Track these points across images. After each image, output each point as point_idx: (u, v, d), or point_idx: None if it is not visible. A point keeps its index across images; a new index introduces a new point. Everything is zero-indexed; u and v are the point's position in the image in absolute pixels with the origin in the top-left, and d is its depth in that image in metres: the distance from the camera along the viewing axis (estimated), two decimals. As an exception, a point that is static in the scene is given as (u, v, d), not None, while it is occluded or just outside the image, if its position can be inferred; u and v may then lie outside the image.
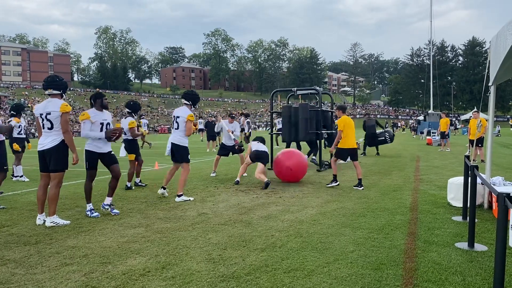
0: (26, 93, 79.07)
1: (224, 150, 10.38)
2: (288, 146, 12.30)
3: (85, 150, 5.86)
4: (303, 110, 11.49)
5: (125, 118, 8.29)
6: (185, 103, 7.14)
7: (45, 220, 5.31)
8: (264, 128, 64.12)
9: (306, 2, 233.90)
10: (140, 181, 8.57)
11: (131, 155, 8.20)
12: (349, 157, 8.55)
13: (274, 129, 14.50)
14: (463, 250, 4.07)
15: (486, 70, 5.88)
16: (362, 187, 7.97)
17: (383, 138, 16.24)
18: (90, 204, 5.88)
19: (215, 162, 10.48)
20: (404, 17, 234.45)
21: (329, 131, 12.33)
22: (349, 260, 3.78)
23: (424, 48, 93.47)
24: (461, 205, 5.69)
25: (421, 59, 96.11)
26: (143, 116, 27.64)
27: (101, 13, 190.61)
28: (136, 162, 8.35)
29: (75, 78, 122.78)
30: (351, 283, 3.26)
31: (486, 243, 4.30)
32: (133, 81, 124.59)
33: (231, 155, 10.69)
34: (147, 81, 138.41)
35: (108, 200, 6.00)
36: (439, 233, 4.72)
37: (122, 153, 8.19)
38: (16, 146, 9.65)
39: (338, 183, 8.35)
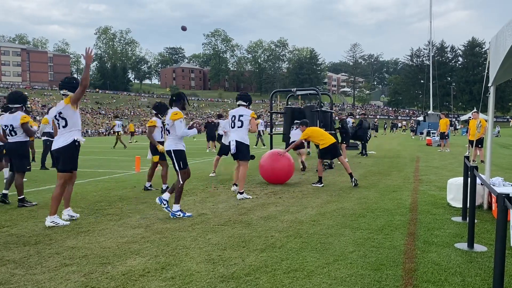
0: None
1: (223, 150, 10.36)
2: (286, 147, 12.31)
3: (176, 150, 5.78)
4: (308, 112, 11.56)
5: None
6: (242, 104, 7.33)
7: (72, 216, 5.49)
8: (264, 128, 64.15)
9: (305, 2, 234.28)
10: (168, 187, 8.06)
11: (155, 157, 7.95)
12: (332, 154, 8.86)
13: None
14: (462, 251, 4.06)
15: (486, 71, 5.89)
16: (354, 177, 8.35)
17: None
18: (179, 205, 5.81)
19: (215, 163, 10.49)
20: (404, 17, 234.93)
21: (329, 131, 12.36)
22: (348, 261, 3.78)
23: (424, 49, 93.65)
24: (460, 205, 5.69)
25: (420, 59, 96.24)
26: (118, 118, 27.35)
27: (101, 13, 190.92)
28: (161, 166, 8.05)
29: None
30: (350, 283, 3.26)
31: (485, 243, 4.30)
32: (133, 81, 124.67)
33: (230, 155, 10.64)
34: (147, 81, 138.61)
35: (176, 207, 5.78)
36: (439, 233, 4.72)
37: (149, 155, 8.18)
38: None
39: (322, 184, 8.45)
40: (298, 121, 10.63)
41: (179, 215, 5.67)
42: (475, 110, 14.30)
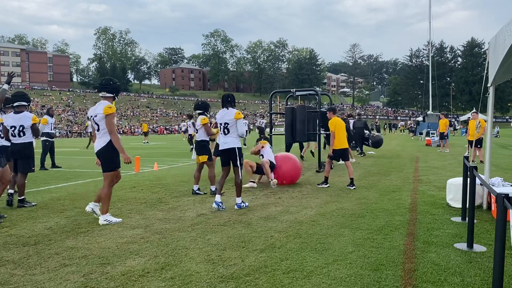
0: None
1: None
2: (288, 148, 12.29)
3: (239, 148, 6.31)
4: (301, 112, 11.54)
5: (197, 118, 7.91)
6: None
7: (95, 213, 5.50)
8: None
9: (305, 3, 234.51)
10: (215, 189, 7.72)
11: (202, 157, 7.61)
12: (341, 157, 8.66)
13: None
14: (462, 251, 4.07)
15: (485, 71, 5.89)
16: (354, 187, 8.11)
17: (367, 142, 16.61)
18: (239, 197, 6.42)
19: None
20: (404, 18, 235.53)
21: (328, 132, 12.35)
22: (348, 261, 3.78)
23: (423, 49, 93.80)
24: (460, 205, 5.69)
25: (420, 60, 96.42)
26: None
27: (100, 14, 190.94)
28: (208, 167, 7.75)
29: (74, 79, 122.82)
30: (350, 283, 3.26)
31: (485, 243, 4.30)
32: (132, 82, 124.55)
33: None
34: (146, 82, 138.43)
35: (239, 200, 6.37)
36: (438, 233, 4.72)
37: (194, 155, 8.07)
38: None
39: (328, 185, 8.39)
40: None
41: (243, 206, 6.32)
42: (474, 110, 14.33)
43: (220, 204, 6.18)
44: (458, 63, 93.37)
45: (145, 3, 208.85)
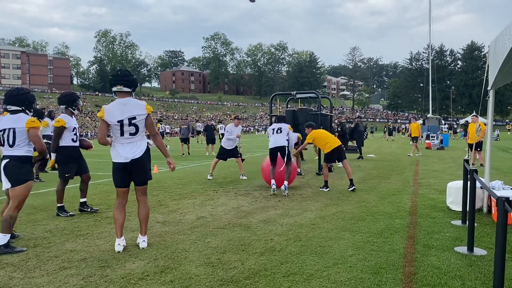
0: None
1: (223, 154, 10.37)
2: None
3: (287, 146, 8.06)
4: (302, 114, 11.54)
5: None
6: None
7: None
8: (264, 132, 64.18)
9: (306, 6, 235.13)
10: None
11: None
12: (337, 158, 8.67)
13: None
14: (462, 254, 4.06)
15: (485, 74, 5.90)
16: (354, 187, 8.14)
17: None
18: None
19: (213, 165, 10.44)
20: (404, 21, 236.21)
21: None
22: (348, 264, 3.77)
23: (423, 52, 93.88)
24: (460, 209, 5.68)
25: (420, 63, 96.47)
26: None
27: (101, 17, 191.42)
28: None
29: (75, 82, 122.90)
30: (350, 287, 3.25)
31: (485, 247, 4.30)
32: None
33: (229, 159, 10.68)
34: (147, 84, 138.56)
35: (286, 182, 7.81)
36: (439, 237, 4.71)
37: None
38: None
39: (328, 189, 8.36)
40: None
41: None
42: (474, 113, 14.31)
43: (278, 188, 7.81)
44: (458, 66, 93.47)
45: (147, 6, 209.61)
